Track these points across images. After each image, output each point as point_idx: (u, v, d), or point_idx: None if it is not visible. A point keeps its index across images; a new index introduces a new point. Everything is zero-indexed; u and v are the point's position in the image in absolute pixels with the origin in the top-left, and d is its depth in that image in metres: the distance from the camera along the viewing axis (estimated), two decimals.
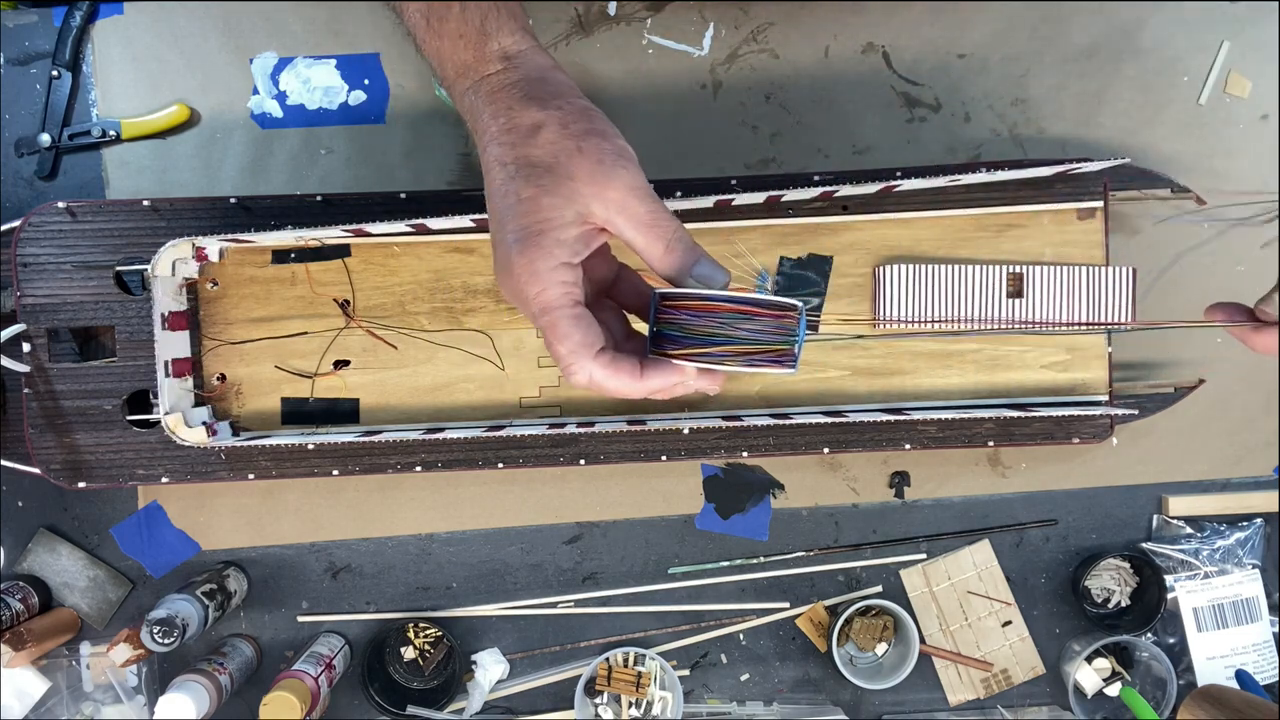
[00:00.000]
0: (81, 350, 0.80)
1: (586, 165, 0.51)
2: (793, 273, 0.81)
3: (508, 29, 0.54)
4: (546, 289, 0.51)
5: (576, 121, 0.52)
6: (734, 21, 0.85)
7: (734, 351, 0.52)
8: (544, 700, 0.88)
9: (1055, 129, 0.86)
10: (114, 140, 0.84)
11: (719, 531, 0.88)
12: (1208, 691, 0.77)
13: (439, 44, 0.55)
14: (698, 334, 0.52)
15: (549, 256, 0.51)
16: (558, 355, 0.52)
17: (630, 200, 0.51)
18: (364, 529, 0.87)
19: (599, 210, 0.51)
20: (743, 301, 0.52)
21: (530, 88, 0.53)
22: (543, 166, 0.51)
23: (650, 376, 0.53)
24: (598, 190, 0.51)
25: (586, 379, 0.52)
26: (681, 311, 0.52)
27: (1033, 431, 0.83)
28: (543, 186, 0.51)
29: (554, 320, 0.51)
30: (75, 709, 0.86)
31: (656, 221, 0.52)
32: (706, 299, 0.52)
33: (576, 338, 0.51)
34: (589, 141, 0.52)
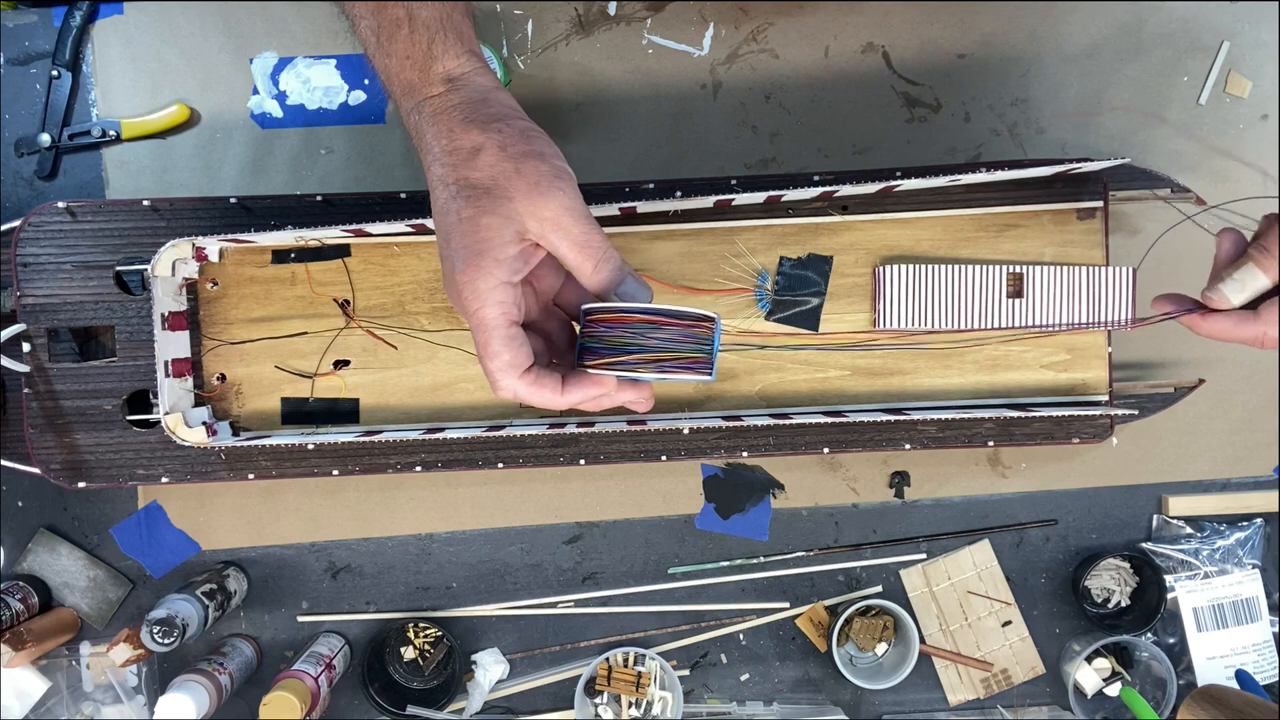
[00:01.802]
0: (81, 350, 0.80)
1: (524, 186, 0.53)
2: (793, 273, 0.81)
3: (453, 51, 0.56)
4: (484, 307, 0.54)
5: (515, 144, 0.54)
6: (734, 21, 0.85)
7: (646, 359, 0.55)
8: (544, 700, 0.88)
9: (1055, 129, 0.86)
10: (114, 140, 0.84)
11: (719, 531, 0.88)
12: (1208, 691, 0.77)
13: (387, 62, 0.57)
14: (612, 344, 0.55)
15: (488, 276, 0.53)
16: (486, 370, 0.55)
17: (564, 219, 0.54)
18: (364, 529, 0.87)
19: (534, 228, 0.54)
20: (652, 312, 0.55)
21: (471, 110, 0.55)
22: (482, 188, 0.54)
23: (571, 391, 0.56)
24: (534, 209, 0.53)
25: (511, 394, 0.55)
26: (600, 324, 0.55)
27: (1033, 431, 0.83)
28: (481, 207, 0.53)
29: (488, 338, 0.54)
30: (75, 709, 0.86)
31: (588, 241, 0.55)
32: (619, 311, 0.55)
33: (506, 357, 0.54)
34: (527, 163, 0.54)
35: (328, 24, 0.85)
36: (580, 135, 0.86)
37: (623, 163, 0.86)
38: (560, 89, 0.85)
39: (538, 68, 0.85)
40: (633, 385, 0.57)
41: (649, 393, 0.58)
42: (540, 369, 0.56)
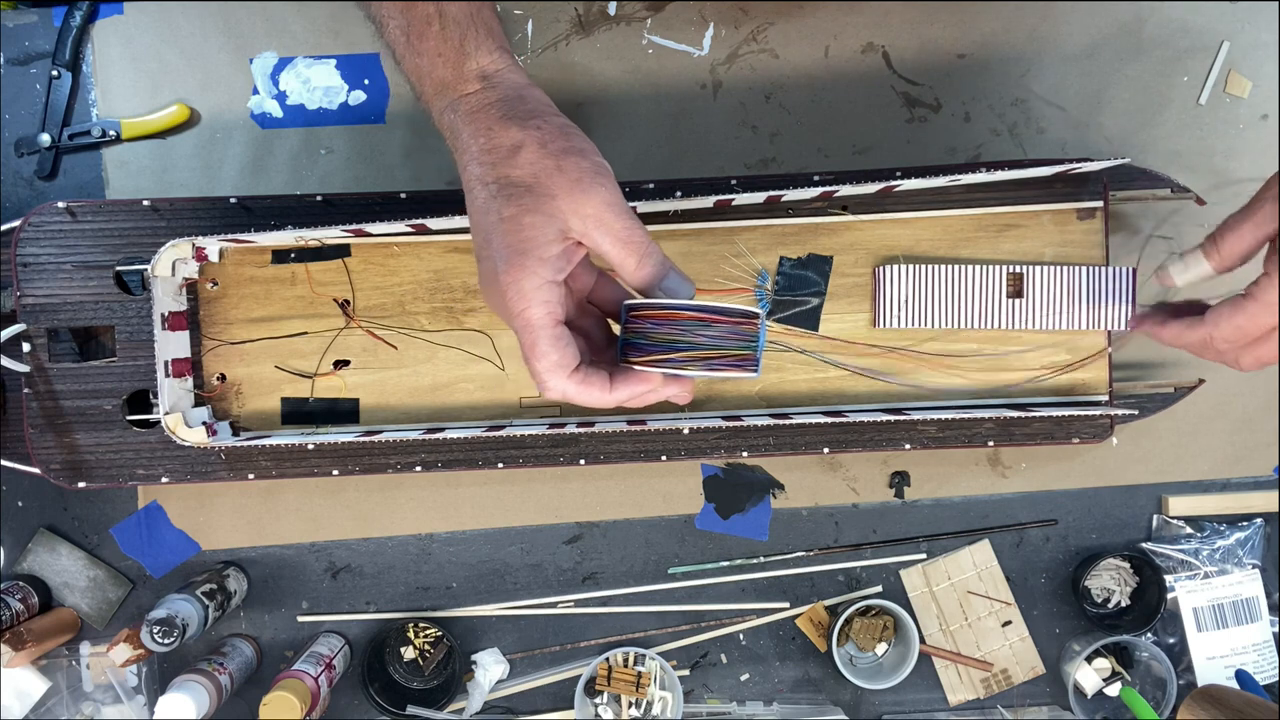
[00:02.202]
0: (81, 350, 0.80)
1: (565, 183, 0.53)
2: (793, 273, 0.81)
3: (486, 48, 0.55)
4: (530, 307, 0.53)
5: (555, 140, 0.53)
6: (734, 21, 0.85)
7: (694, 357, 0.55)
8: (544, 700, 0.88)
9: (1055, 129, 0.86)
10: (114, 140, 0.84)
11: (719, 531, 0.88)
12: (1208, 691, 0.77)
13: (418, 61, 0.56)
14: (660, 341, 0.55)
15: (533, 275, 0.53)
16: (534, 371, 0.55)
17: (607, 215, 0.53)
18: (364, 529, 0.87)
19: (577, 225, 0.53)
20: (701, 309, 0.55)
21: (508, 107, 0.54)
22: (523, 186, 0.53)
23: (619, 388, 0.56)
24: (576, 206, 0.53)
25: (560, 394, 0.55)
26: (646, 321, 0.55)
27: (1033, 431, 0.83)
28: (524, 205, 0.53)
29: (535, 339, 0.54)
30: (75, 709, 0.86)
31: (631, 237, 0.54)
32: (667, 308, 0.55)
33: (554, 357, 0.54)
34: (568, 160, 0.53)
35: (328, 24, 0.85)
36: None
37: (623, 163, 0.85)
38: (560, 89, 0.85)
39: (538, 68, 0.85)
40: (675, 380, 0.57)
41: (691, 386, 0.58)
42: (587, 367, 0.56)
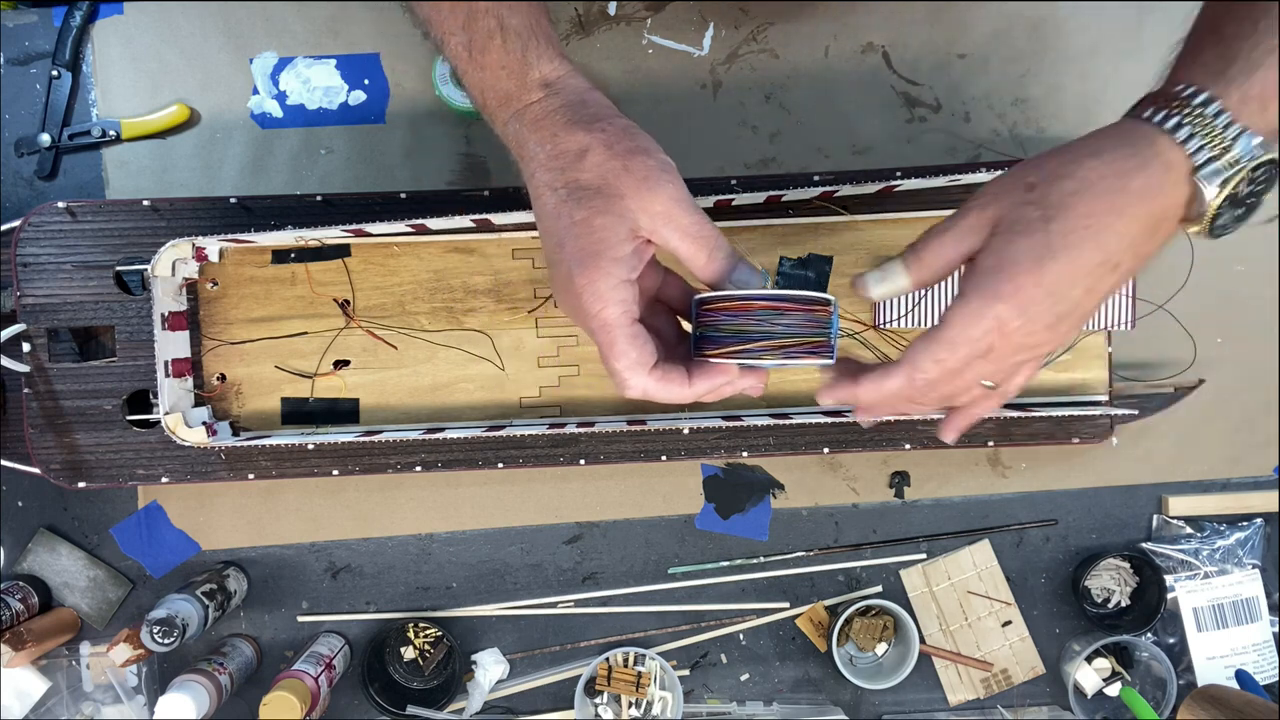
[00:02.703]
0: (81, 350, 0.80)
1: (633, 182, 0.53)
2: (793, 273, 0.81)
3: (547, 56, 0.56)
4: (606, 307, 0.53)
5: (620, 141, 0.54)
6: (734, 21, 0.85)
7: (770, 346, 0.55)
8: (544, 700, 0.88)
9: (1055, 129, 0.86)
10: (114, 140, 0.84)
11: (719, 531, 0.88)
12: (1208, 691, 0.77)
13: (481, 75, 0.57)
14: (734, 332, 0.55)
15: (608, 276, 0.53)
16: (614, 370, 0.55)
17: (675, 212, 0.54)
18: (364, 529, 0.87)
19: (646, 223, 0.53)
20: (774, 299, 0.54)
21: (572, 112, 0.55)
22: (592, 188, 0.53)
23: (697, 382, 0.56)
24: (644, 205, 0.53)
25: (641, 392, 0.55)
26: (719, 313, 0.55)
27: (1033, 431, 0.83)
28: (594, 208, 0.53)
29: (613, 338, 0.54)
30: (75, 709, 0.86)
31: (700, 232, 0.54)
32: (740, 299, 0.55)
33: (633, 355, 0.54)
34: (634, 160, 0.53)
35: (328, 24, 0.85)
36: None
37: None
38: None
39: None
40: (750, 371, 0.57)
41: (765, 376, 0.58)
42: (665, 364, 0.56)
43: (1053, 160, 0.52)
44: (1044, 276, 0.50)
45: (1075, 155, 0.51)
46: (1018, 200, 0.51)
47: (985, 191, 0.53)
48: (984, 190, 0.53)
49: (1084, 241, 0.50)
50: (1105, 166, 0.50)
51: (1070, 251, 0.50)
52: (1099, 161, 0.51)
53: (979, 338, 0.52)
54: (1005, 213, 0.51)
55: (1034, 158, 0.53)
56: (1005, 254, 0.51)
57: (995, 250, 0.51)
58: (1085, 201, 0.50)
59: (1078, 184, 0.50)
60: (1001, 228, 0.51)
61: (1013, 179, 0.52)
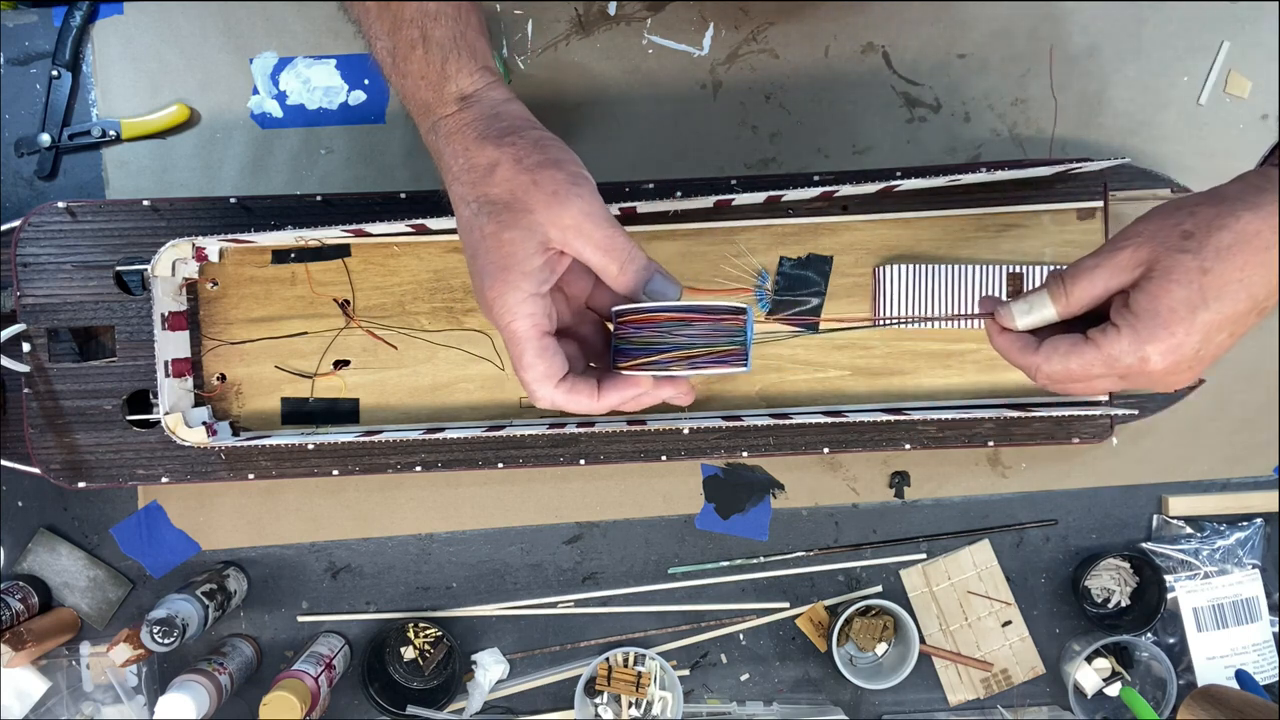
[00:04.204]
0: (81, 350, 0.80)
1: (542, 197, 0.54)
2: (793, 273, 0.81)
3: (466, 70, 0.57)
4: (514, 320, 0.55)
5: (529, 155, 0.55)
6: (734, 21, 0.85)
7: (677, 357, 0.56)
8: (544, 700, 0.88)
9: (1055, 129, 0.86)
10: (114, 140, 0.84)
11: (719, 531, 0.88)
12: (1208, 691, 0.77)
13: (403, 83, 0.58)
14: (642, 344, 0.56)
15: (516, 290, 0.54)
16: (523, 380, 0.56)
17: (585, 225, 0.54)
18: (364, 529, 0.87)
19: (557, 236, 0.54)
20: (679, 309, 0.56)
21: (485, 126, 0.56)
22: (502, 203, 0.54)
23: (606, 394, 0.57)
24: (554, 218, 0.54)
25: (549, 403, 0.57)
26: (628, 326, 0.56)
27: (1033, 431, 0.83)
28: (503, 221, 0.54)
29: (520, 351, 0.55)
30: (75, 709, 0.86)
31: (611, 244, 0.55)
32: (646, 311, 0.56)
33: (540, 368, 0.55)
34: (543, 173, 0.54)
35: (328, 24, 0.85)
36: (580, 135, 0.86)
37: (623, 163, 0.86)
38: (560, 89, 0.85)
39: (538, 68, 0.85)
40: (670, 381, 0.58)
41: (687, 387, 0.59)
42: (575, 376, 0.57)
43: (1207, 209, 0.53)
44: (1195, 325, 0.52)
45: (1231, 207, 0.52)
46: (1173, 246, 0.52)
47: (1139, 230, 0.54)
48: (1137, 228, 0.55)
49: (1237, 292, 0.52)
50: (1261, 222, 0.51)
51: (1222, 302, 0.52)
52: (1255, 216, 0.52)
53: (1121, 369, 0.54)
54: (1160, 256, 0.53)
55: (1186, 200, 0.54)
56: (1161, 301, 0.52)
57: (1151, 294, 0.53)
58: (1241, 254, 0.51)
59: (1234, 237, 0.51)
60: (1156, 272, 0.53)
61: (1167, 220, 0.53)
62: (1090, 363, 0.55)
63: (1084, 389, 0.57)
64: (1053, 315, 0.57)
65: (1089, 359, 0.55)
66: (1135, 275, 0.54)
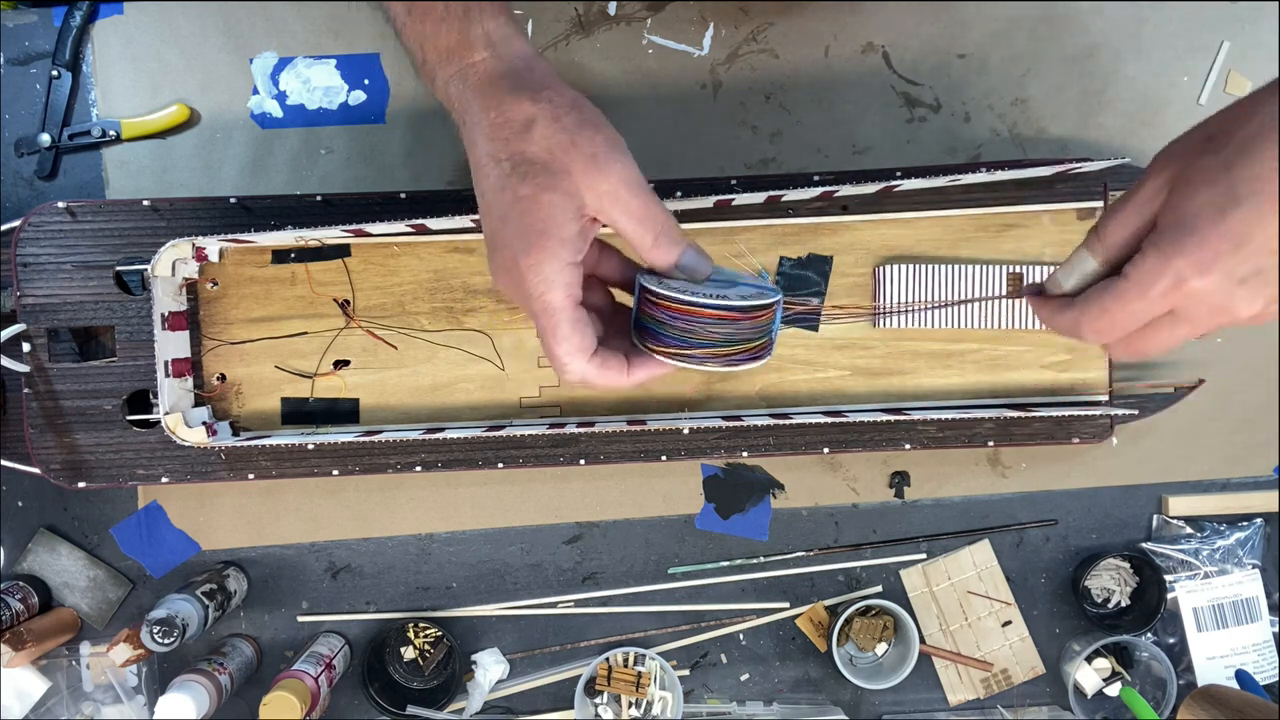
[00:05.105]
0: (81, 350, 0.80)
1: (580, 159, 0.51)
2: (793, 273, 0.81)
3: (490, 11, 0.53)
4: (549, 291, 0.52)
5: (568, 114, 0.52)
6: (734, 21, 0.85)
7: (712, 354, 0.54)
8: (544, 700, 0.88)
9: (1055, 129, 0.86)
10: (114, 140, 0.84)
11: (719, 531, 0.88)
12: (1208, 691, 0.77)
13: (420, 28, 0.54)
14: (677, 335, 0.54)
15: (554, 258, 0.51)
16: (554, 355, 0.54)
17: (623, 192, 0.52)
18: (364, 529, 0.87)
19: (592, 202, 0.52)
20: (722, 310, 0.53)
21: (519, 79, 0.52)
22: (539, 163, 0.51)
23: (636, 371, 0.56)
24: (591, 183, 0.51)
25: (579, 378, 0.54)
26: (662, 310, 0.54)
27: (1033, 431, 0.83)
28: (540, 184, 0.51)
29: (554, 323, 0.52)
30: (75, 709, 0.86)
31: (648, 214, 0.52)
32: (687, 304, 0.53)
33: (575, 341, 0.53)
34: (582, 135, 0.51)
35: (328, 24, 0.85)
36: None
37: None
38: None
39: None
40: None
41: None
42: (605, 351, 0.55)
43: (1230, 110, 0.48)
44: (1228, 227, 0.46)
45: (1254, 100, 0.47)
46: (1195, 153, 0.48)
47: (1161, 154, 0.50)
48: (1160, 154, 0.50)
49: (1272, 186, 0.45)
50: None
51: (1259, 198, 0.45)
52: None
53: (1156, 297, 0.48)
54: (1183, 168, 0.48)
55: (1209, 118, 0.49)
56: (1184, 208, 0.47)
57: (1174, 206, 0.48)
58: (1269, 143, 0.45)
59: (1258, 126, 0.46)
60: (1179, 183, 0.48)
61: (1189, 136, 0.49)
62: (1125, 296, 0.49)
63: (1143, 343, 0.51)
64: (1094, 266, 0.52)
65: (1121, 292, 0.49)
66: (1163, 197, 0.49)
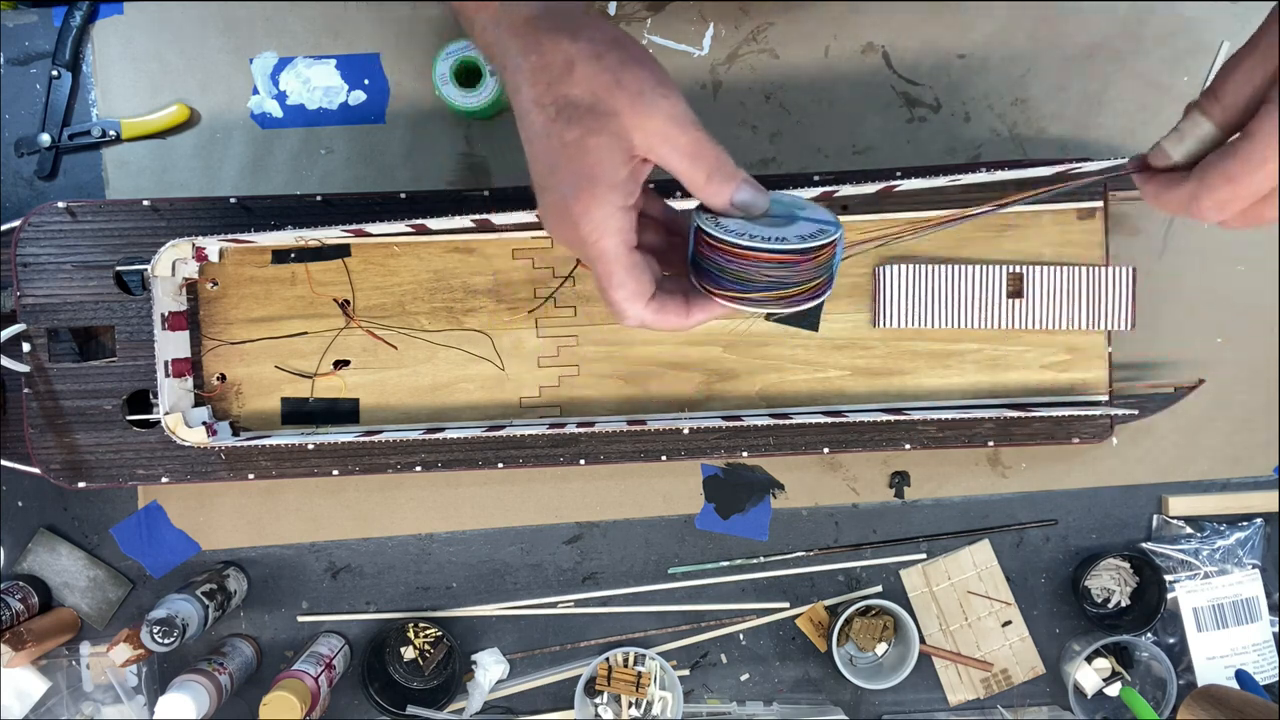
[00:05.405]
0: (81, 350, 0.80)
1: (626, 98, 0.49)
2: None
3: None
4: (604, 237, 0.51)
5: (610, 51, 0.49)
6: (734, 21, 0.85)
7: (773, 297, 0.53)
8: (544, 700, 0.88)
9: (1055, 129, 0.86)
10: (114, 140, 0.84)
11: (719, 531, 0.88)
12: (1208, 691, 0.77)
13: None
14: (739, 279, 0.52)
15: (604, 203, 0.50)
16: (612, 301, 0.53)
17: (672, 130, 0.50)
18: (364, 529, 0.87)
19: (641, 143, 0.50)
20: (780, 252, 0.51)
21: (555, 17, 0.50)
22: (583, 105, 0.49)
23: (695, 314, 0.55)
24: (640, 122, 0.49)
25: (638, 322, 0.54)
26: (719, 253, 0.52)
27: (1033, 431, 0.83)
28: (587, 127, 0.49)
29: (611, 269, 0.52)
30: (75, 709, 0.86)
31: (699, 151, 0.51)
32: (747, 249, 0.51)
33: (631, 286, 0.52)
34: (626, 73, 0.49)
35: (328, 24, 0.85)
36: None
37: None
38: None
39: None
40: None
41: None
42: (662, 294, 0.54)
43: None
44: None
45: None
46: None
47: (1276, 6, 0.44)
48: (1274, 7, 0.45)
49: None
50: None
51: None
52: None
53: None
54: None
55: None
56: None
57: None
58: None
59: None
60: None
61: None
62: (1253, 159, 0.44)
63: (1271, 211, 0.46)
64: (1210, 129, 0.48)
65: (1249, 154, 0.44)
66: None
